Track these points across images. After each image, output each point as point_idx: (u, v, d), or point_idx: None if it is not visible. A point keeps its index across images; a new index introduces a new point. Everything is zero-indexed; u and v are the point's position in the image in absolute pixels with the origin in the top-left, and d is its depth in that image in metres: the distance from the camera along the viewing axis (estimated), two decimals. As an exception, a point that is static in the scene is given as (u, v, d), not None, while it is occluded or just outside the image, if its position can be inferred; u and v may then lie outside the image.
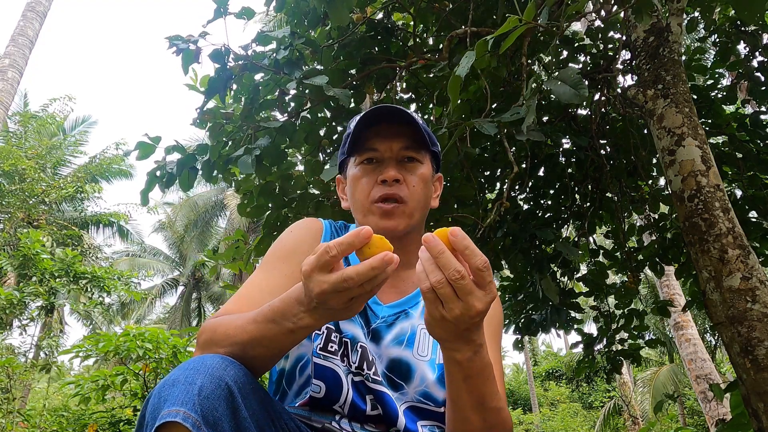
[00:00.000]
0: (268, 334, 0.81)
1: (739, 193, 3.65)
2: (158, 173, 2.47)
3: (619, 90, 3.12)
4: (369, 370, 1.00)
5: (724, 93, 3.47)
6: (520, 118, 1.94)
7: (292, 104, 2.85)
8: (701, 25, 3.76)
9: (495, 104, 2.79)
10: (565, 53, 3.46)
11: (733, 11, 3.35)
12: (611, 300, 3.89)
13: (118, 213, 13.70)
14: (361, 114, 1.07)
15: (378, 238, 0.74)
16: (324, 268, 0.72)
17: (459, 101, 2.61)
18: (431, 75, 2.82)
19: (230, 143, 2.58)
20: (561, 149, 3.43)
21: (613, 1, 2.75)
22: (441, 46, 2.97)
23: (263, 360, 0.84)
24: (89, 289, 8.30)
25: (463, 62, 1.54)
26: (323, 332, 1.02)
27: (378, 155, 1.06)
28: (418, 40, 3.05)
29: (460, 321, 0.73)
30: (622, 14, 2.96)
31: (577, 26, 8.02)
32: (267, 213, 2.77)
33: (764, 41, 3.41)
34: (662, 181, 3.68)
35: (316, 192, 2.78)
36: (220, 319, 0.89)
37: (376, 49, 2.99)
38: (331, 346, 1.01)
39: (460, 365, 0.81)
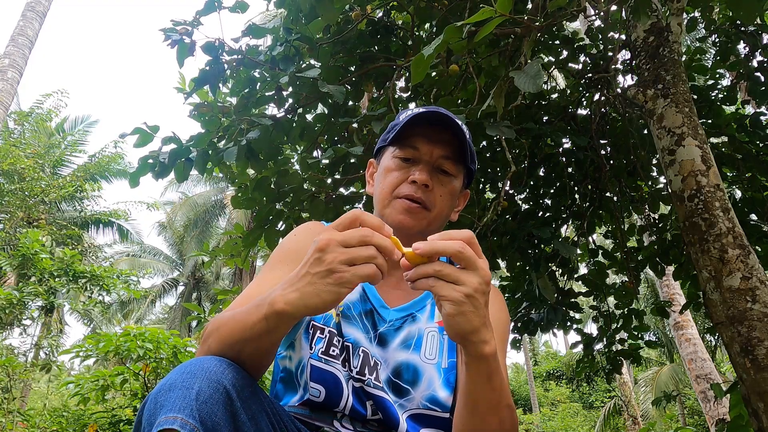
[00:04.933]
0: (249, 321, 0.79)
1: (738, 194, 3.64)
2: (150, 161, 2.47)
3: (619, 90, 3.12)
4: (370, 375, 0.99)
5: (725, 93, 3.47)
6: (492, 111, 1.97)
7: (290, 100, 2.85)
8: (701, 25, 3.75)
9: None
10: (565, 53, 3.46)
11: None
12: (611, 300, 3.89)
13: (117, 212, 13.70)
14: (415, 110, 1.07)
15: (395, 240, 0.76)
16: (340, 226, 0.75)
17: (452, 97, 2.61)
18: (433, 75, 2.82)
19: (226, 137, 2.58)
20: (560, 149, 3.43)
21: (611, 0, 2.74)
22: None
23: (251, 355, 0.81)
24: (89, 288, 8.31)
25: (432, 44, 1.55)
26: (326, 336, 1.02)
27: (417, 155, 1.06)
28: (416, 35, 3.05)
29: (480, 291, 0.74)
30: (623, 14, 2.96)
31: (577, 26, 8.02)
32: (260, 206, 2.77)
33: (764, 41, 3.40)
34: (662, 181, 3.67)
35: (311, 188, 2.78)
36: (221, 315, 0.90)
37: (376, 47, 2.99)
38: (333, 350, 1.01)
39: (487, 361, 0.79)
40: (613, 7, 3.12)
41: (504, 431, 0.86)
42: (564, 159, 3.50)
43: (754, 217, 3.36)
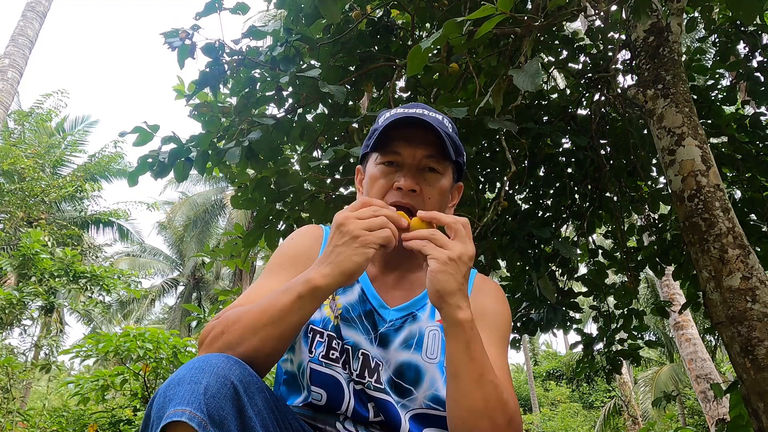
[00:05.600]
0: (277, 304, 0.85)
1: (738, 194, 3.64)
2: (150, 160, 2.47)
3: (619, 90, 3.12)
4: (371, 377, 1.00)
5: (725, 93, 3.47)
6: (490, 107, 1.96)
7: (290, 100, 2.85)
8: (701, 25, 3.75)
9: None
10: (565, 53, 3.46)
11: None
12: (611, 300, 3.89)
13: (117, 212, 13.69)
14: (392, 112, 1.06)
15: (400, 212, 0.93)
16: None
17: (451, 95, 2.61)
18: (435, 77, 2.82)
19: (225, 137, 2.58)
20: (560, 149, 3.42)
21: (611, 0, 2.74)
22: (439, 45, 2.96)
23: (274, 341, 0.85)
24: (89, 288, 8.30)
25: (430, 38, 1.55)
26: (325, 339, 1.02)
27: (400, 159, 1.03)
28: (416, 35, 3.05)
29: (462, 260, 0.87)
30: (623, 14, 2.96)
31: (578, 26, 8.02)
32: (260, 206, 2.77)
33: (764, 41, 3.40)
34: (662, 181, 3.67)
35: (311, 188, 2.78)
36: (229, 313, 0.90)
37: (376, 47, 2.99)
38: (333, 354, 1.01)
39: (463, 327, 0.86)
40: (613, 7, 3.12)
41: (490, 409, 0.86)
42: (564, 159, 3.50)
43: (754, 217, 3.37)
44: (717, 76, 3.64)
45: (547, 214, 3.63)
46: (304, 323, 0.88)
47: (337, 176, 2.92)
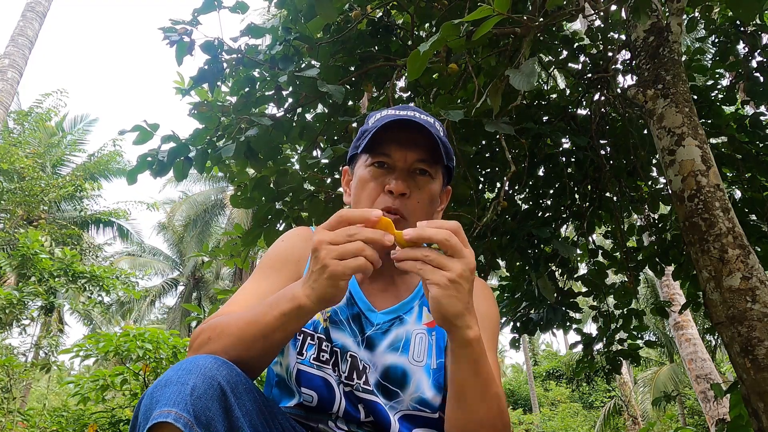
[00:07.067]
0: (263, 319, 0.84)
1: (738, 194, 3.64)
2: (149, 159, 2.46)
3: (619, 90, 3.12)
4: (359, 379, 1.00)
5: (724, 93, 3.47)
6: (489, 108, 1.96)
7: (290, 100, 2.85)
8: (701, 25, 3.75)
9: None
10: (565, 53, 3.46)
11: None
12: (611, 300, 3.88)
13: (117, 211, 13.68)
14: (383, 114, 1.05)
15: (387, 222, 0.81)
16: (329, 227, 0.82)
17: (449, 95, 2.61)
18: (434, 77, 2.82)
19: (225, 136, 2.57)
20: (560, 149, 3.42)
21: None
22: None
23: (259, 353, 0.85)
24: (88, 288, 8.30)
25: (429, 41, 1.55)
26: (316, 342, 1.03)
27: (391, 161, 1.02)
28: (416, 35, 3.04)
29: (464, 277, 0.78)
30: (623, 14, 2.96)
31: (578, 26, 8.01)
32: (259, 205, 2.77)
33: (764, 41, 3.40)
34: (662, 181, 3.67)
35: (311, 187, 2.77)
36: (217, 320, 0.91)
37: (376, 47, 2.98)
38: (323, 356, 1.02)
39: (472, 346, 0.83)
40: (613, 7, 3.12)
41: (492, 418, 0.88)
42: (564, 159, 3.50)
43: (754, 217, 3.36)
44: (717, 76, 3.64)
45: (547, 214, 3.63)
46: (289, 339, 0.86)
47: (337, 175, 2.92)
